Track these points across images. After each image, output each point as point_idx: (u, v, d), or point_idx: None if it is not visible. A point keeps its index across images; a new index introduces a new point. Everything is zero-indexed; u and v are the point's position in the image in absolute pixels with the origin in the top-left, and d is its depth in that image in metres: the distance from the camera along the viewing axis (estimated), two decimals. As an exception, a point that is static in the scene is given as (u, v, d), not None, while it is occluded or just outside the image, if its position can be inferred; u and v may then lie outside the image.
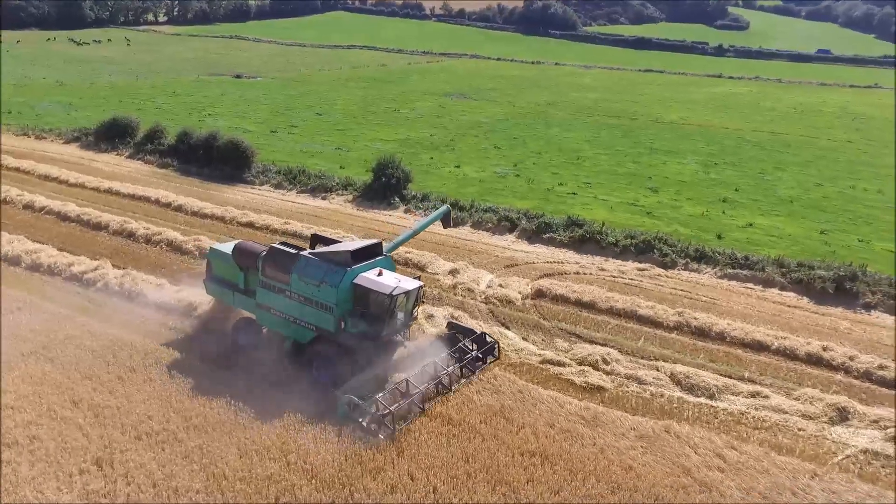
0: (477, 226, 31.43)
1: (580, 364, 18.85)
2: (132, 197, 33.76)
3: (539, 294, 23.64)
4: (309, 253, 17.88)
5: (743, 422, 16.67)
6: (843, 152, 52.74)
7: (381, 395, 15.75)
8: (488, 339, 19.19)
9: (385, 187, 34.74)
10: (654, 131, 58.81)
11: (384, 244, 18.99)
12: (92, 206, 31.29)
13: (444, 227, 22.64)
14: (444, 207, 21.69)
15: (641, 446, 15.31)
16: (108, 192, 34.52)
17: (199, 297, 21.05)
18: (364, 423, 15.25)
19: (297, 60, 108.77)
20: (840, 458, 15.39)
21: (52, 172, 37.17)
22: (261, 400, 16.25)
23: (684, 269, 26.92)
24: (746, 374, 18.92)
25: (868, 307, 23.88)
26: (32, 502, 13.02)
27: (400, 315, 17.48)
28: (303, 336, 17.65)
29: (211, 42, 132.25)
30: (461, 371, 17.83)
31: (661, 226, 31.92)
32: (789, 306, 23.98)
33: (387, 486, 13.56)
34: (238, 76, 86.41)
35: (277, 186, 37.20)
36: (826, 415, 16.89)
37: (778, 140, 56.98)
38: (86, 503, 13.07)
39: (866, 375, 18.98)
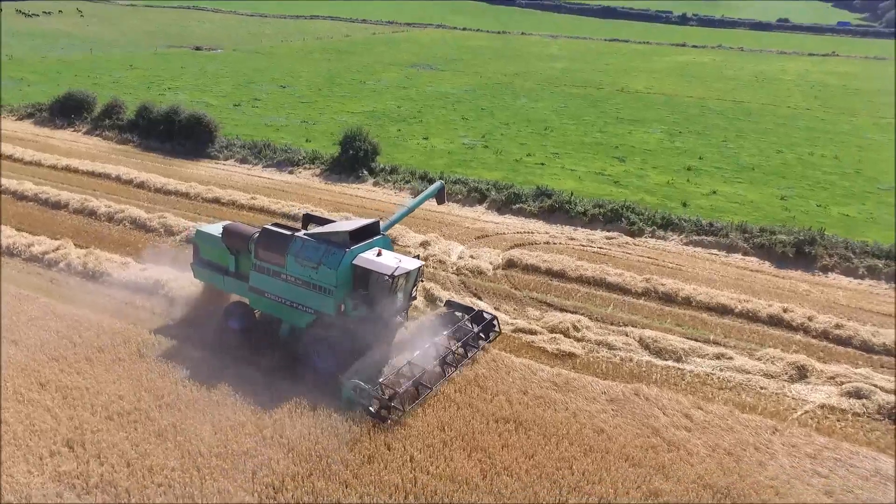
0: (447, 197, 31.31)
1: (551, 332, 19.15)
2: (91, 174, 32.77)
3: (510, 264, 23.86)
4: (304, 234, 17.18)
5: (708, 383, 17.21)
6: (802, 119, 53.89)
7: (387, 378, 15.33)
8: (485, 315, 18.83)
9: (353, 160, 34.37)
10: (619, 101, 59.16)
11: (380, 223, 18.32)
12: (50, 185, 30.29)
13: (439, 203, 21.88)
14: (437, 183, 20.97)
15: (612, 409, 15.72)
16: (67, 169, 33.43)
17: (166, 274, 20.71)
18: (372, 408, 14.81)
19: (259, 32, 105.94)
20: (799, 413, 16.05)
21: (5, 150, 35.79)
22: (235, 377, 16.15)
23: (651, 237, 27.41)
24: (711, 337, 19.48)
25: (825, 269, 24.72)
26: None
27: (399, 296, 17.04)
28: (301, 320, 17.02)
29: (168, 13, 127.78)
30: (465, 350, 17.39)
31: (628, 194, 32.33)
32: (752, 270, 24.67)
33: (364, 457, 13.70)
34: (198, 48, 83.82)
35: (243, 161, 36.50)
36: (786, 373, 17.55)
37: (740, 108, 57.89)
38: (58, 485, 12.92)
39: (824, 335, 19.73)
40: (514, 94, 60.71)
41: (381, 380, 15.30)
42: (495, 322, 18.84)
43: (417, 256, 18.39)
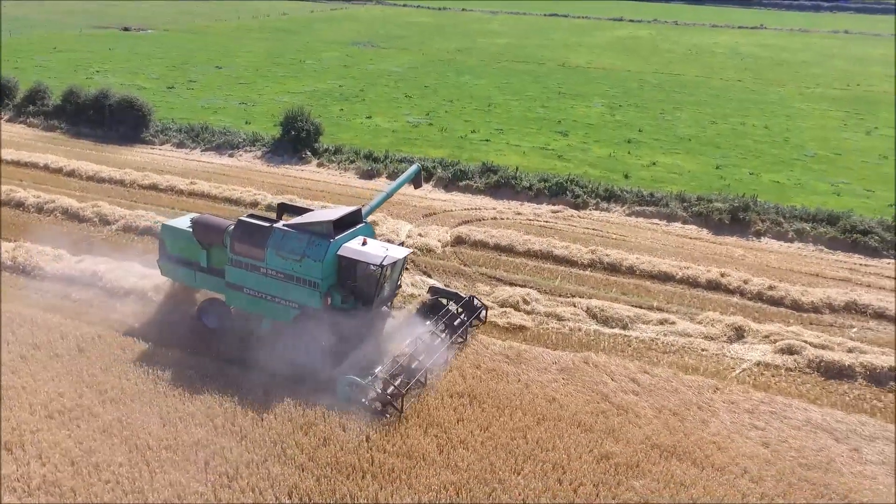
0: (393, 176, 31.09)
1: (502, 306, 19.40)
2: (17, 164, 31.02)
3: (458, 241, 23.97)
4: (283, 225, 16.29)
5: (653, 347, 17.82)
6: (734, 91, 55.67)
7: (381, 372, 14.95)
8: (476, 303, 18.57)
9: (295, 141, 33.67)
10: (561, 76, 59.72)
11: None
12: (-31, 176, 28.55)
13: (416, 188, 21.12)
14: (414, 167, 20.25)
15: (563, 378, 16.11)
16: (-13, 159, 31.55)
17: (104, 265, 19.93)
18: (368, 404, 14.43)
19: (191, 10, 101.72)
20: (737, 371, 16.84)
21: (-84, 141, 33.49)
22: (182, 367, 15.77)
23: (595, 209, 27.98)
24: (655, 304, 20.14)
25: (759, 234, 25.84)
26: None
27: (386, 285, 16.49)
28: (284, 315, 16.20)
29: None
30: (452, 337, 17.06)
31: (571, 168, 32.83)
32: (691, 238, 25.54)
33: (319, 440, 13.64)
34: (126, 29, 80.00)
35: (179, 145, 35.24)
36: (725, 335, 18.34)
37: (676, 81, 59.32)
38: (-2, 488, 12.40)
39: (758, 296, 20.68)
40: (457, 70, 60.45)
41: (376, 373, 14.81)
42: (481, 305, 18.53)
43: (402, 243, 17.94)
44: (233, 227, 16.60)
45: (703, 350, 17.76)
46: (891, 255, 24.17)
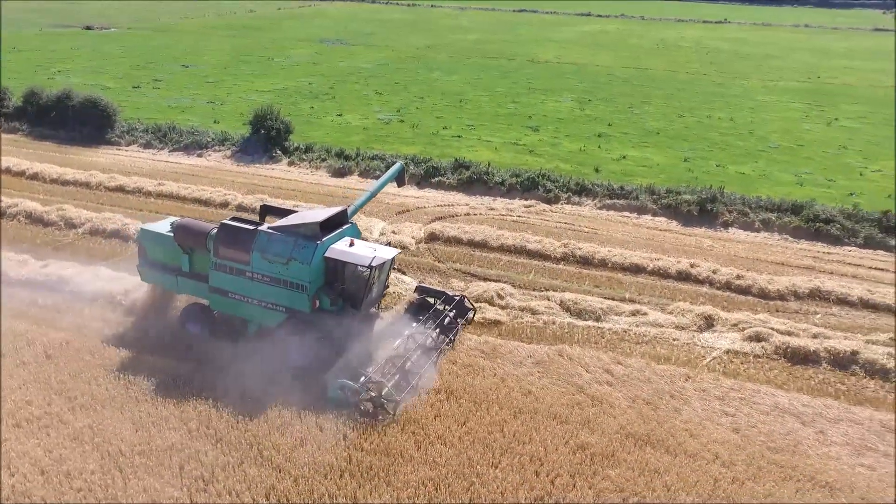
0: (365, 174, 31.08)
1: (476, 301, 19.46)
2: (-25, 167, 30.16)
3: (432, 237, 24.01)
4: (268, 227, 15.95)
5: (626, 338, 18.09)
6: (700, 84, 56.62)
7: (373, 374, 14.67)
8: (466, 303, 18.42)
9: (265, 140, 33.34)
10: (531, 71, 60.05)
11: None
12: (-74, 181, 27.69)
13: (399, 186, 20.71)
14: (397, 165, 19.64)
15: (538, 371, 16.26)
16: (-55, 163, 30.61)
17: (70, 269, 19.55)
18: (361, 407, 14.26)
19: (156, 8, 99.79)
20: (708, 360, 17.19)
21: None
22: (154, 372, 15.54)
23: (567, 203, 28.25)
24: (627, 295, 20.44)
25: (726, 225, 26.37)
26: None
27: (375, 287, 16.29)
28: (271, 319, 15.92)
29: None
30: (441, 336, 16.93)
31: (543, 163, 33.08)
32: (661, 230, 25.96)
33: (296, 440, 13.58)
34: (89, 27, 78.21)
35: (147, 146, 34.63)
36: (695, 324, 18.70)
37: (644, 75, 60.09)
38: (-34, 500, 12.10)
39: (727, 286, 21.12)
40: (427, 67, 60.38)
41: (368, 376, 14.65)
42: (467, 302, 18.45)
43: (389, 243, 17.71)
44: (216, 230, 16.26)
45: (674, 340, 18.09)
46: (852, 243, 24.88)
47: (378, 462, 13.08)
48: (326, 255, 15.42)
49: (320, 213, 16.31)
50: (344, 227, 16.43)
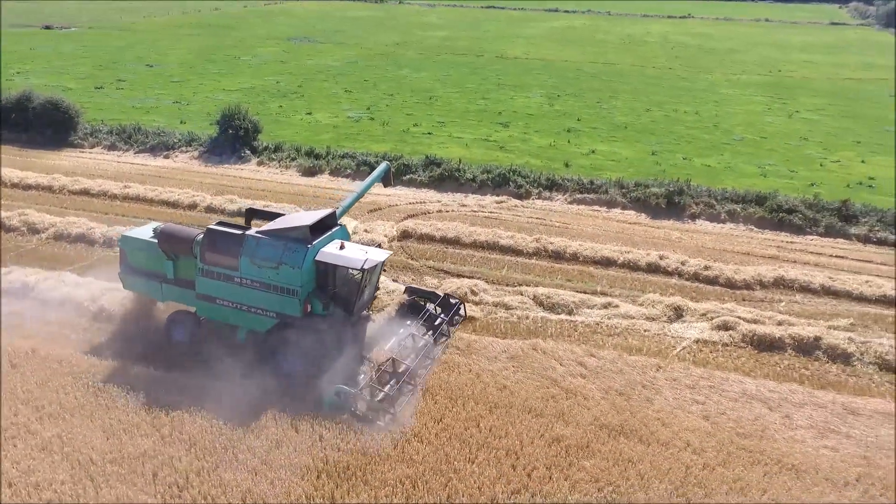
0: (336, 173, 30.93)
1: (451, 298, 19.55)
2: (-69, 173, 29.22)
3: (405, 235, 24.02)
4: (256, 232, 15.69)
5: (598, 331, 18.35)
6: (666, 79, 57.47)
7: (369, 378, 14.65)
8: (452, 300, 18.40)
9: (233, 140, 32.93)
10: (500, 67, 60.27)
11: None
12: None
13: (385, 186, 20.61)
14: (383, 165, 19.41)
15: (513, 366, 16.41)
16: None
17: (34, 276, 19.11)
18: (359, 412, 14.14)
19: (117, 6, 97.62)
20: (678, 350, 17.55)
21: None
22: (124, 378, 15.28)
23: (538, 198, 28.49)
24: (598, 288, 20.72)
25: (693, 217, 26.88)
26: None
27: (367, 289, 16.16)
28: (261, 325, 15.72)
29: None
30: (434, 337, 16.87)
31: (513, 159, 33.28)
32: (630, 223, 26.34)
33: (272, 442, 13.51)
34: (48, 27, 76.12)
35: (111, 148, 33.93)
36: (665, 315, 19.06)
37: (611, 70, 60.77)
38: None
39: (695, 277, 21.55)
40: (396, 64, 60.20)
41: (365, 381, 14.54)
42: (461, 304, 18.40)
43: (379, 245, 17.49)
44: (202, 235, 15.93)
45: (645, 331, 18.41)
46: (813, 232, 25.57)
47: (355, 461, 13.08)
48: (317, 258, 15.23)
49: (309, 216, 16.07)
50: (333, 229, 16.22)
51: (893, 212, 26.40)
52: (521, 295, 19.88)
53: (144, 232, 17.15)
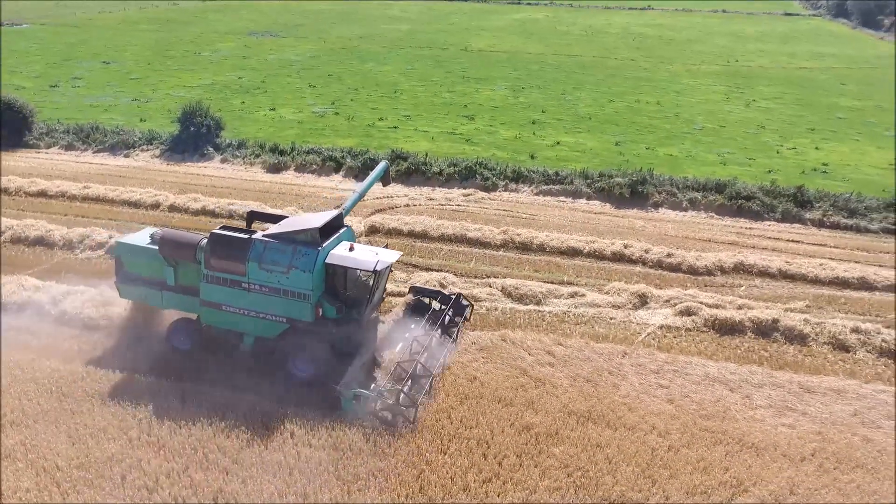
0: (301, 168, 30.70)
1: (419, 292, 19.64)
2: None
3: (373, 230, 24.01)
4: (263, 235, 15.30)
5: (566, 320, 18.66)
6: (628, 70, 58.29)
7: (386, 380, 14.44)
8: (462, 300, 18.18)
9: (196, 137, 32.41)
10: (464, 60, 60.35)
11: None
12: None
13: (384, 185, 20.29)
14: (382, 164, 19.07)
15: (482, 357, 16.59)
16: None
17: (-9, 281, 18.57)
18: (380, 415, 13.97)
19: (73, 4, 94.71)
20: (643, 336, 17.96)
21: None
22: (88, 382, 14.99)
23: (505, 191, 28.73)
24: (565, 278, 21.04)
25: (656, 205, 27.44)
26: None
27: (376, 292, 15.92)
28: (270, 331, 15.41)
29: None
30: (443, 336, 16.65)
31: (480, 151, 33.45)
32: (595, 213, 26.77)
33: (242, 441, 13.44)
34: (-6, 23, 73.49)
35: (68, 147, 33.08)
36: (630, 302, 19.48)
37: (574, 62, 61.37)
38: None
39: (658, 264, 22.05)
40: (360, 58, 59.80)
41: (383, 383, 14.38)
42: (463, 300, 18.27)
43: (386, 245, 17.10)
44: (206, 241, 15.44)
45: (611, 318, 18.78)
46: (771, 218, 26.35)
47: (327, 457, 13.11)
48: (327, 261, 14.97)
49: (318, 218, 15.73)
50: (341, 230, 15.96)
51: (846, 196, 27.37)
52: (490, 287, 20.09)
53: (141, 238, 16.64)
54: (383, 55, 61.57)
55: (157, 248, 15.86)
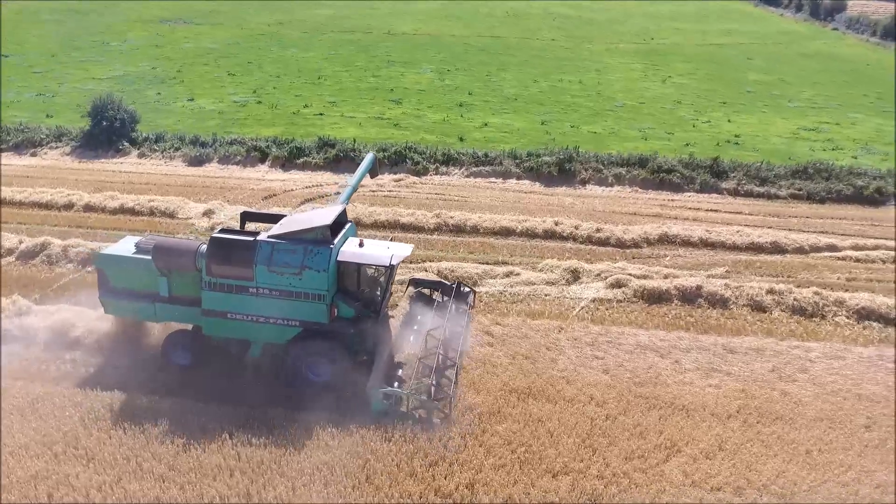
0: (225, 160, 29.67)
1: (354, 280, 19.40)
2: None
3: (303, 221, 23.49)
4: (269, 236, 14.49)
5: (502, 300, 18.90)
6: (551, 50, 59.18)
7: (414, 376, 14.07)
8: (464, 289, 17.92)
9: (109, 132, 30.71)
10: (389, 44, 59.64)
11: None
12: None
13: (372, 178, 19.61)
14: (370, 155, 18.48)
15: (421, 342, 16.59)
16: None
17: None
18: (414, 414, 13.62)
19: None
20: (577, 310, 18.43)
21: None
22: (2, 397, 14.10)
23: (436, 174, 28.72)
24: (500, 258, 21.28)
25: (584, 182, 28.11)
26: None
27: (388, 287, 15.36)
28: (282, 336, 14.73)
29: None
30: (455, 323, 16.20)
31: (408, 136, 33.25)
32: (525, 192, 27.17)
33: (178, 447, 12.92)
34: None
35: (-36, 149, 30.68)
36: (564, 279, 19.92)
37: (499, 43, 61.75)
38: None
39: (588, 239, 22.64)
40: (281, 44, 58.09)
41: (413, 381, 13.92)
42: (464, 287, 18.07)
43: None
44: (206, 246, 14.55)
45: (546, 295, 19.16)
46: (690, 190, 27.50)
47: (269, 455, 12.84)
48: (339, 258, 14.39)
49: (325, 215, 15.00)
50: (346, 226, 15.36)
51: (756, 165, 28.86)
52: (426, 271, 20.06)
53: (124, 247, 15.49)
54: (305, 41, 60.04)
55: (147, 257, 14.80)
